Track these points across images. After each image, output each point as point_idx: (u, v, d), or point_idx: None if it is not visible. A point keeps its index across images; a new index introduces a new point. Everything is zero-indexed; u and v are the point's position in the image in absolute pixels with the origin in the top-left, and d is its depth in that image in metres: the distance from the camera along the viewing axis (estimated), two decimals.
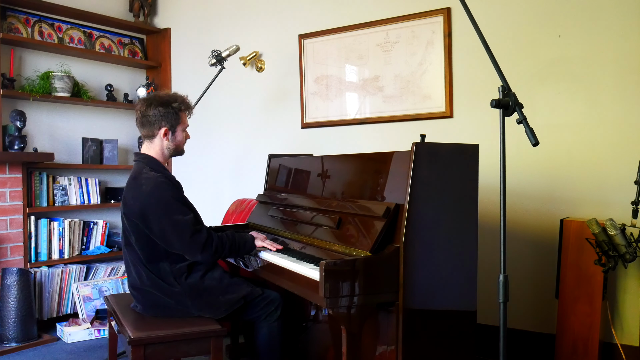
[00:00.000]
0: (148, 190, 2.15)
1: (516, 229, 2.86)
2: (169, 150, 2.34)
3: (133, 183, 2.23)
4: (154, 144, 2.33)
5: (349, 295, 1.81)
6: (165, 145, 2.33)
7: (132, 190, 2.21)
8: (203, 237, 2.17)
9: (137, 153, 2.38)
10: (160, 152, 2.33)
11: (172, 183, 2.26)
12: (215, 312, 2.22)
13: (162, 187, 2.18)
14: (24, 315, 3.22)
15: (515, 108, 1.65)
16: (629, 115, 2.58)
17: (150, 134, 2.31)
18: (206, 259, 2.21)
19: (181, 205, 2.20)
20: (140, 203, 2.15)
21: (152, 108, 2.28)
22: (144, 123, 2.30)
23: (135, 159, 2.36)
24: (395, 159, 2.02)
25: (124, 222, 2.27)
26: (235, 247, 2.29)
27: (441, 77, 3.08)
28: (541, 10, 2.79)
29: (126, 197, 2.22)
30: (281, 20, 3.77)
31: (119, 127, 4.29)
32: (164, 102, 2.30)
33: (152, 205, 2.14)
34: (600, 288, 2.41)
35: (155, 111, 2.28)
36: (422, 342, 1.96)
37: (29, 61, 3.75)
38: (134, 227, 2.20)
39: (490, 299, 2.53)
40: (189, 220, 2.16)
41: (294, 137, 3.74)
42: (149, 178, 2.20)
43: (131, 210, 2.18)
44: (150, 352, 2.04)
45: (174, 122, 2.31)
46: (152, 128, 2.29)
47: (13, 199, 3.47)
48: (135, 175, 2.25)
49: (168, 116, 2.29)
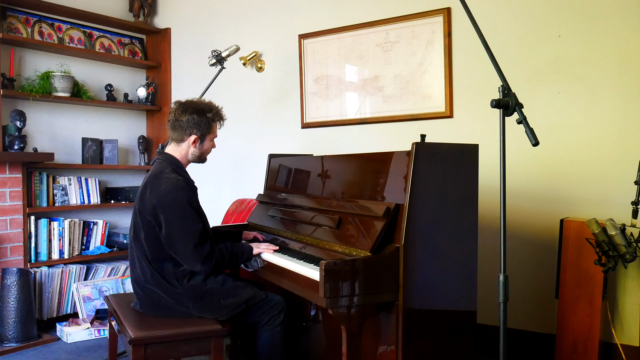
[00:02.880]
0: (167, 189, 2.18)
1: (516, 229, 2.86)
2: (193, 156, 2.38)
3: (153, 181, 2.25)
4: (180, 148, 2.36)
5: (349, 295, 1.81)
6: (191, 152, 2.37)
7: (151, 186, 2.22)
8: (206, 251, 2.18)
9: (161, 152, 2.40)
10: (184, 156, 2.37)
11: (190, 188, 2.28)
12: (216, 315, 2.22)
13: (181, 190, 2.20)
14: (24, 315, 3.22)
15: (515, 108, 1.65)
16: (629, 115, 2.58)
17: (180, 139, 2.34)
18: (204, 270, 2.23)
19: (194, 213, 2.20)
20: (156, 200, 2.18)
21: (186, 114, 2.31)
22: (176, 127, 2.33)
23: (158, 157, 2.37)
24: (395, 159, 2.02)
25: (135, 217, 2.28)
26: (233, 259, 2.31)
27: (441, 77, 3.08)
28: (541, 10, 2.79)
29: (144, 193, 2.23)
30: (281, 20, 3.77)
31: (119, 127, 4.29)
32: (199, 110, 2.33)
33: (166, 204, 2.16)
34: (600, 288, 2.41)
35: (189, 117, 2.31)
36: (422, 342, 1.96)
37: (29, 61, 3.74)
38: (145, 223, 2.21)
39: (490, 299, 2.54)
40: (198, 230, 2.17)
41: (294, 137, 3.74)
42: (169, 178, 2.22)
43: (146, 205, 2.20)
44: (151, 352, 2.04)
45: (205, 132, 2.35)
46: (182, 133, 2.33)
47: (13, 199, 3.47)
48: (156, 174, 2.27)
49: (201, 125, 2.32)
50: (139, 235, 2.26)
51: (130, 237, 2.34)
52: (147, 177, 2.32)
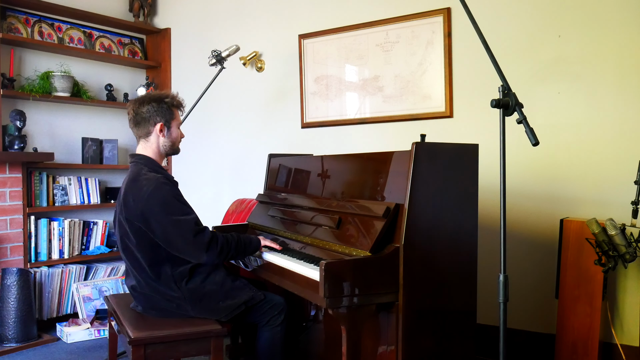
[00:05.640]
0: (149, 191, 2.10)
1: (516, 229, 2.86)
2: (165, 147, 2.31)
3: (132, 185, 2.17)
4: (149, 142, 2.29)
5: (349, 295, 1.81)
6: (162, 143, 2.29)
7: (132, 192, 2.15)
8: (207, 237, 2.12)
9: (133, 154, 2.32)
10: (156, 150, 2.30)
11: (171, 183, 2.23)
12: (216, 317, 2.20)
13: (163, 188, 2.13)
14: (23, 315, 3.22)
15: (515, 108, 1.65)
16: (629, 115, 2.58)
17: (146, 132, 2.28)
18: (212, 259, 2.15)
19: (183, 205, 2.15)
20: (142, 205, 2.10)
21: (144, 105, 2.27)
22: (139, 121, 2.27)
23: (131, 160, 2.30)
24: (395, 159, 2.02)
25: (122, 227, 2.20)
26: (241, 247, 2.24)
27: (441, 77, 3.08)
28: (541, 10, 2.79)
29: (126, 200, 2.16)
30: (281, 20, 3.77)
31: (119, 127, 4.29)
32: (156, 99, 2.29)
33: (153, 206, 2.09)
34: (600, 288, 2.41)
35: (148, 107, 2.26)
36: (422, 342, 1.96)
37: (29, 61, 3.74)
38: (135, 230, 2.15)
39: (490, 299, 2.53)
40: (192, 220, 2.12)
41: (294, 137, 3.74)
42: (149, 179, 2.15)
43: (132, 213, 2.13)
44: (151, 352, 2.04)
45: (168, 117, 2.29)
46: (147, 125, 2.26)
47: (13, 199, 3.46)
48: (133, 177, 2.19)
49: (162, 111, 2.27)
50: (128, 245, 2.20)
51: (120, 248, 2.26)
52: (124, 182, 2.23)
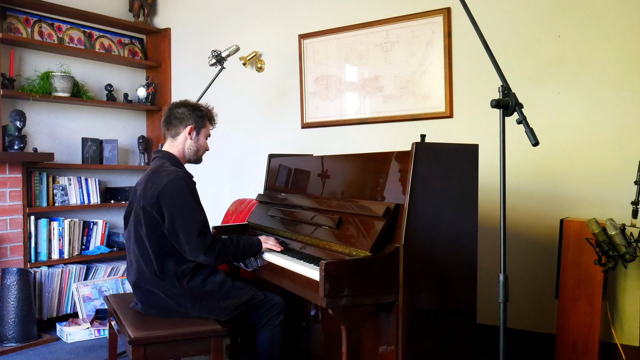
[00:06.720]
0: (168, 180, 2.19)
1: (516, 229, 2.86)
2: (190, 150, 2.40)
3: (153, 175, 2.25)
4: (176, 142, 2.39)
5: (349, 295, 1.81)
6: (188, 145, 2.39)
7: (152, 181, 2.22)
8: (209, 241, 2.18)
9: (157, 150, 2.42)
10: (182, 151, 2.40)
11: (190, 180, 2.29)
12: (216, 317, 2.22)
13: (182, 180, 2.21)
14: (23, 315, 3.22)
15: (515, 108, 1.65)
16: (628, 115, 2.58)
17: (175, 132, 2.38)
18: (208, 261, 2.22)
19: (195, 202, 2.22)
20: (158, 191, 2.17)
21: (181, 107, 2.40)
22: (171, 120, 2.38)
23: (156, 155, 2.39)
24: (395, 159, 2.02)
25: (137, 215, 2.25)
26: (239, 251, 2.29)
27: (441, 77, 3.08)
28: (541, 10, 2.79)
29: (145, 189, 2.22)
30: (281, 20, 3.77)
31: (119, 127, 4.29)
32: (193, 105, 2.44)
33: (168, 193, 2.17)
34: (600, 288, 2.41)
35: (184, 109, 2.39)
36: (422, 342, 1.96)
37: (28, 61, 3.75)
38: (148, 219, 2.20)
39: (490, 299, 2.54)
40: (200, 220, 2.19)
41: (294, 137, 3.74)
42: (169, 171, 2.24)
43: (149, 200, 2.19)
44: (151, 352, 2.04)
45: (199, 124, 2.41)
46: (178, 125, 2.37)
47: (13, 199, 3.47)
48: (155, 169, 2.28)
49: (195, 117, 2.40)
50: (140, 235, 2.24)
51: (130, 238, 2.31)
52: (146, 173, 2.32)
